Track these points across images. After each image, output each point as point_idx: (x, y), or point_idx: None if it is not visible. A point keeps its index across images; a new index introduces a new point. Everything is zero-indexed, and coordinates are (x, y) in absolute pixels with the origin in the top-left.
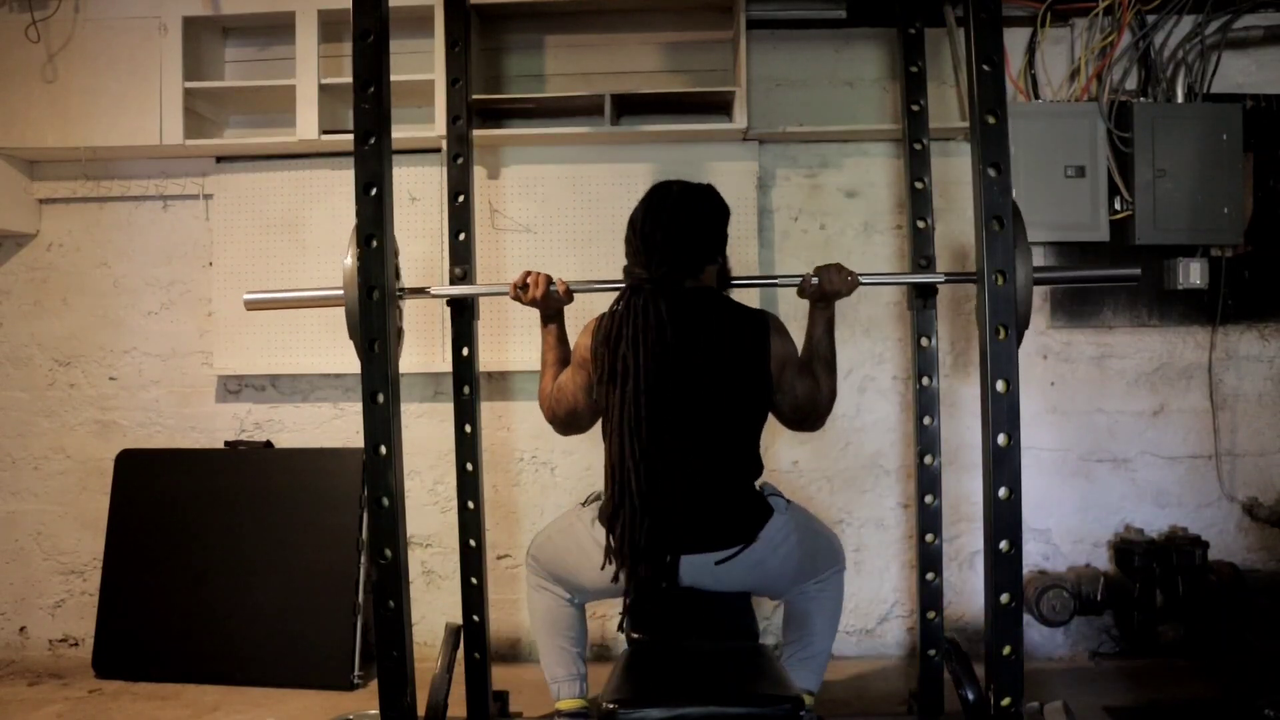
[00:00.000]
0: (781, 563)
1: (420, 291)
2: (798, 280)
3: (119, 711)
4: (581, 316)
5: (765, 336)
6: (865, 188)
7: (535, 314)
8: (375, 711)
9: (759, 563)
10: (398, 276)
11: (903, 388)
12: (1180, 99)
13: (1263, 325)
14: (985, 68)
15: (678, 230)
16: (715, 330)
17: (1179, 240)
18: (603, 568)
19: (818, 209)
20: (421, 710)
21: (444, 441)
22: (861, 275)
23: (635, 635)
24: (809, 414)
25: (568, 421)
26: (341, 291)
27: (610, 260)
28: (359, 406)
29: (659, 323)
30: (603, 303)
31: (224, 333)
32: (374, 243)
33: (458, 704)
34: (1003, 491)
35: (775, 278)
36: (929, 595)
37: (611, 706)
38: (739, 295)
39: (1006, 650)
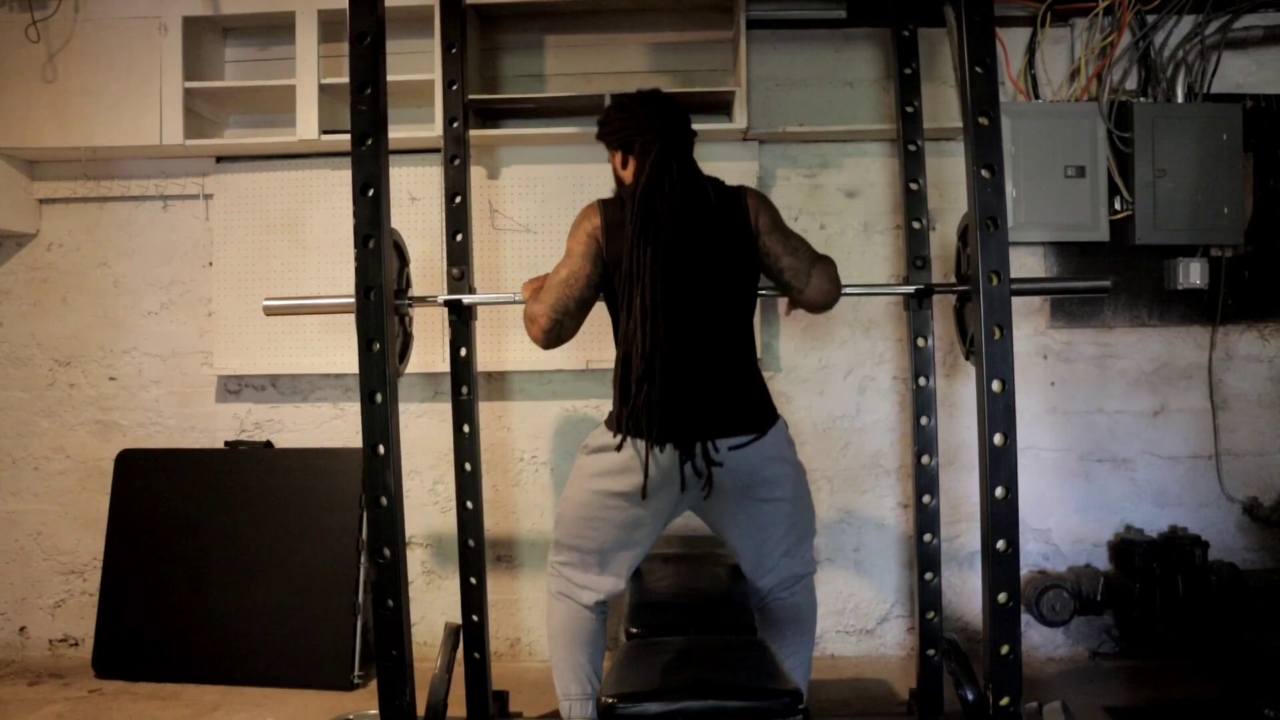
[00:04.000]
0: (776, 476)
1: (426, 300)
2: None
3: (119, 711)
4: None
5: (743, 203)
6: (865, 188)
7: None
8: (375, 711)
9: (762, 463)
10: (408, 284)
11: (902, 387)
12: (1180, 99)
13: (1263, 325)
14: (978, 70)
15: (674, 105)
16: (710, 199)
17: (1179, 240)
18: (616, 439)
19: (818, 209)
20: (421, 710)
21: (444, 441)
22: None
23: (634, 630)
24: (809, 275)
25: (562, 316)
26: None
27: None
28: (359, 406)
29: (683, 185)
30: None
31: (224, 333)
32: (371, 243)
33: (457, 704)
34: (999, 491)
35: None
36: (928, 595)
37: (610, 701)
38: None
39: (1005, 650)
